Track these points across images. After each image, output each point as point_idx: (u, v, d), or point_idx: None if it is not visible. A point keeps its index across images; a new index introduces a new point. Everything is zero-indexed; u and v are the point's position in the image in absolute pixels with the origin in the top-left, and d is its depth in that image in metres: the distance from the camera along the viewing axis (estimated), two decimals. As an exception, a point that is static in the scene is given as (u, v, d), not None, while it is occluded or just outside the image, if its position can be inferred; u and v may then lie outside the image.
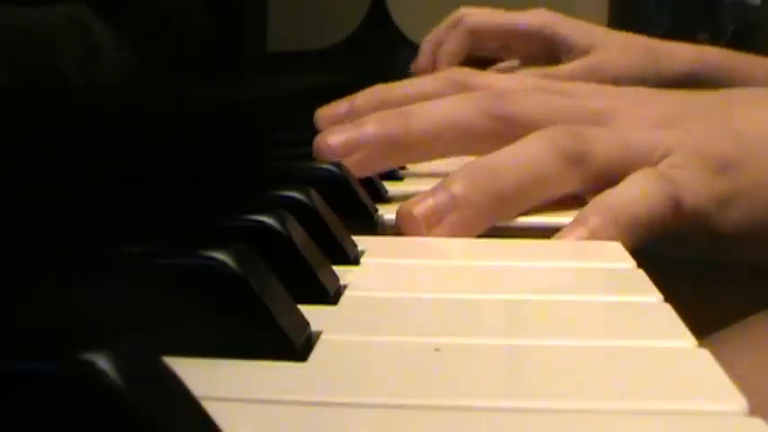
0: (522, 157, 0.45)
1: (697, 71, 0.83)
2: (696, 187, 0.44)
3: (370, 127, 0.49)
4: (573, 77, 0.80)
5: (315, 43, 0.89)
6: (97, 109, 0.47)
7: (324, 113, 0.58)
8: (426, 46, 0.95)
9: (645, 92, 0.55)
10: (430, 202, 0.42)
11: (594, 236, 0.41)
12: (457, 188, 0.43)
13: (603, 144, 0.46)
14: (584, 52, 0.85)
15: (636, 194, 0.43)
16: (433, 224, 0.42)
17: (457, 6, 0.92)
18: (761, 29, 1.40)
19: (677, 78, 0.82)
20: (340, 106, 0.57)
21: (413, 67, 0.96)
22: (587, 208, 0.42)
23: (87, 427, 0.17)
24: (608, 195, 0.43)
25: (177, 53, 0.58)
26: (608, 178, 0.45)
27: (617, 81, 0.79)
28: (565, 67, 0.84)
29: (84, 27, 0.46)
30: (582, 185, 0.46)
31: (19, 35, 0.40)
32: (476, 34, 0.91)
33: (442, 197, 0.43)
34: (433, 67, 0.91)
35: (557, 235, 0.41)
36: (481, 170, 0.44)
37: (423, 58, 0.95)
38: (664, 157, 0.46)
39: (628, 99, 0.52)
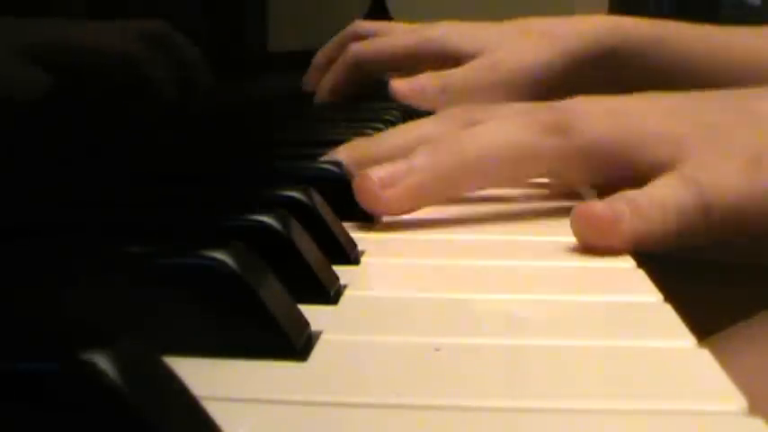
0: (490, 128, 0.44)
1: (611, 43, 0.74)
2: (727, 190, 0.41)
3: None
4: (466, 79, 0.77)
5: (315, 43, 0.89)
6: (97, 109, 0.47)
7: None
8: (318, 60, 0.89)
9: (657, 93, 0.50)
10: (389, 167, 0.43)
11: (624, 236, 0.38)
12: (418, 158, 0.43)
13: (596, 121, 0.44)
14: (474, 57, 0.78)
15: (661, 204, 0.40)
16: (387, 186, 0.42)
17: (456, 6, 0.92)
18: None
19: (589, 54, 0.74)
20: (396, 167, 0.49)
21: (303, 80, 0.90)
22: (615, 202, 0.39)
23: (87, 427, 0.17)
24: (638, 194, 0.40)
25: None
26: (602, 158, 0.43)
27: (514, 72, 0.75)
28: (457, 71, 0.77)
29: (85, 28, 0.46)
30: (566, 159, 0.44)
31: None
32: (361, 66, 0.84)
33: (401, 165, 0.43)
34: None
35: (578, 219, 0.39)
36: (445, 141, 0.44)
37: (310, 75, 0.89)
38: (677, 146, 0.43)
39: (642, 98, 0.48)
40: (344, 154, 0.50)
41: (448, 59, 0.79)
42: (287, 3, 0.86)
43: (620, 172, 0.44)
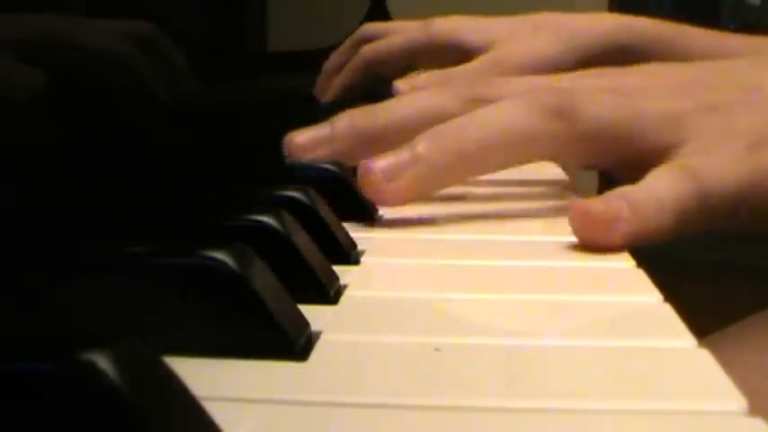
0: (492, 114, 0.44)
1: (622, 41, 0.73)
2: (725, 178, 0.40)
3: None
4: (466, 75, 0.75)
5: (315, 43, 0.88)
6: (97, 109, 0.47)
7: (298, 140, 0.51)
8: (329, 67, 0.87)
9: (658, 65, 0.51)
10: (392, 158, 0.43)
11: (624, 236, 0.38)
12: (420, 147, 0.43)
13: (599, 105, 0.44)
14: (485, 50, 0.77)
15: (658, 199, 0.39)
16: (391, 178, 0.43)
17: (456, 6, 0.92)
18: (761, 29, 1.40)
19: (599, 51, 0.73)
20: (319, 131, 0.51)
21: (315, 88, 0.89)
22: (614, 200, 0.39)
23: (87, 427, 0.17)
24: (636, 189, 0.40)
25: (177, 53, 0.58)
26: (604, 143, 0.43)
27: (523, 68, 0.74)
28: (464, 66, 0.76)
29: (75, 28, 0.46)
30: (568, 144, 0.44)
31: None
32: (373, 66, 0.83)
33: (405, 155, 0.43)
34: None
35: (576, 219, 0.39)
36: (447, 129, 0.44)
37: (323, 81, 0.88)
38: (679, 128, 0.43)
39: (643, 73, 0.49)
40: (345, 123, 0.50)
41: (459, 53, 0.78)
42: (287, 3, 0.86)
43: (622, 155, 0.44)
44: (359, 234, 0.40)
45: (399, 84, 0.76)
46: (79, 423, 0.17)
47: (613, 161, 0.45)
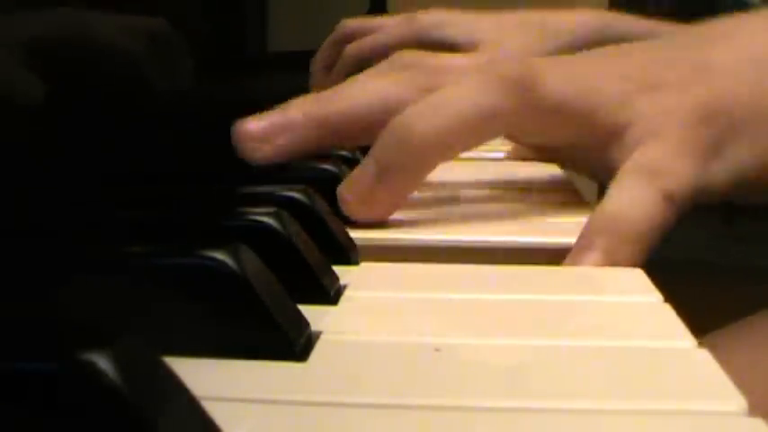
0: (451, 99, 0.43)
1: (605, 38, 0.73)
2: (683, 171, 0.41)
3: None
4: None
5: (315, 43, 0.88)
6: (97, 109, 0.47)
7: (250, 127, 0.49)
8: (315, 68, 0.87)
9: (611, 48, 0.50)
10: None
11: (609, 257, 0.38)
12: (379, 150, 0.43)
13: (557, 76, 0.43)
14: (470, 47, 0.77)
15: (631, 206, 0.40)
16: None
17: (455, 6, 0.92)
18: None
19: (582, 47, 0.75)
20: (273, 118, 0.49)
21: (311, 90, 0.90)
22: (590, 229, 0.40)
23: (87, 427, 0.17)
24: (604, 213, 0.40)
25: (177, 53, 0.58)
26: (563, 116, 0.43)
27: None
28: (455, 62, 0.76)
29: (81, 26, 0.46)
30: (526, 118, 0.43)
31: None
32: (361, 66, 0.77)
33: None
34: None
35: (565, 262, 0.39)
36: (404, 123, 0.43)
37: (314, 83, 0.87)
38: (631, 111, 0.43)
39: (596, 54, 0.48)
40: (298, 110, 0.49)
41: (443, 49, 0.78)
42: (287, 3, 0.86)
43: (577, 133, 0.44)
44: (359, 234, 0.40)
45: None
46: (79, 423, 0.17)
47: (567, 139, 0.45)
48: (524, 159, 0.65)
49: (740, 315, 0.45)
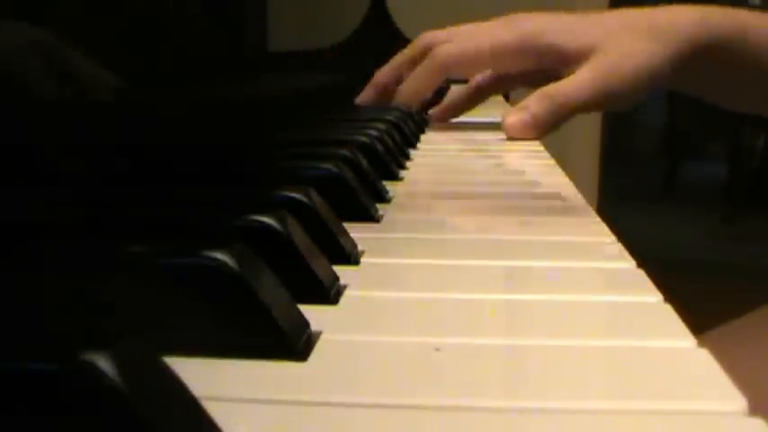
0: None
1: (708, 41, 0.75)
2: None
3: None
4: (583, 95, 0.73)
5: (315, 43, 0.88)
6: (97, 109, 0.47)
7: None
8: (381, 78, 0.85)
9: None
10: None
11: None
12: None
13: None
14: (583, 57, 0.74)
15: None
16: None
17: (455, 6, 0.92)
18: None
19: (693, 52, 0.75)
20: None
21: (358, 99, 0.87)
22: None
23: (87, 427, 0.17)
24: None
25: (178, 53, 0.58)
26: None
27: (632, 78, 0.74)
28: (572, 85, 0.74)
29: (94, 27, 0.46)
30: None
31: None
32: (449, 69, 0.81)
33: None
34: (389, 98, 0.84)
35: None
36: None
37: (369, 92, 0.86)
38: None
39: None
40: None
41: (549, 57, 0.77)
42: (287, 3, 0.86)
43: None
44: (359, 234, 0.40)
45: (510, 122, 0.76)
46: (79, 423, 0.17)
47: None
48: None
49: (740, 315, 0.45)
